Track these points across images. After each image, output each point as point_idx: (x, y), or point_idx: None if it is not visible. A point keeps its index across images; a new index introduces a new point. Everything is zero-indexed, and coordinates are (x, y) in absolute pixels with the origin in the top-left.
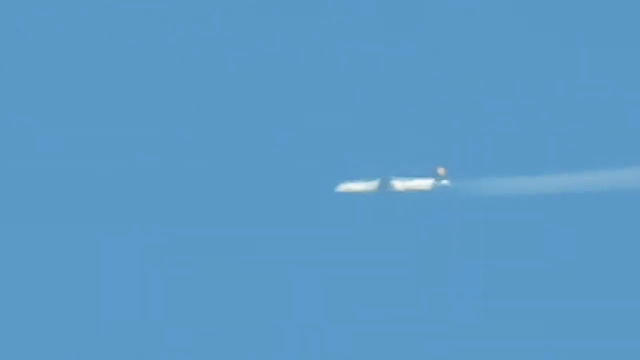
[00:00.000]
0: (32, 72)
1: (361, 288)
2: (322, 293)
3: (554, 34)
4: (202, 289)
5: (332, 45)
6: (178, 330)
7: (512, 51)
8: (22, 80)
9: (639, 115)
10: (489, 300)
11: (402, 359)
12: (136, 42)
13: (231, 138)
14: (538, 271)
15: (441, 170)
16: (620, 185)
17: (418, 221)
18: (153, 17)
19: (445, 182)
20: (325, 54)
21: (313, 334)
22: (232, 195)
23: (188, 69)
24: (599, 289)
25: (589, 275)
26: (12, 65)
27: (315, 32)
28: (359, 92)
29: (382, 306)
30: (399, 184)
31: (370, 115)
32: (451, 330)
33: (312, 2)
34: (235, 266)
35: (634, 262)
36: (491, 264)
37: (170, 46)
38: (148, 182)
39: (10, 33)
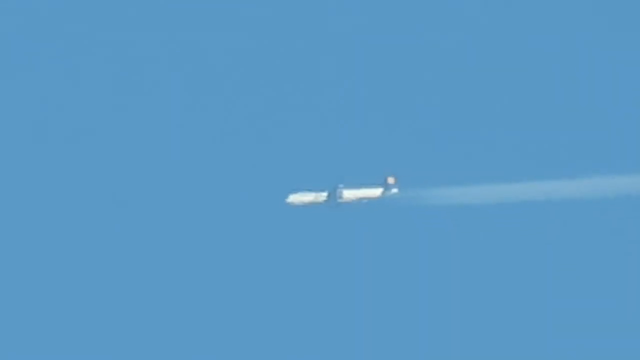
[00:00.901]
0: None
1: (312, 298)
2: (273, 304)
3: (504, 47)
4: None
5: (282, 55)
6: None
7: (464, 59)
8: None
9: (585, 126)
10: (437, 309)
11: None
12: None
13: (181, 148)
14: (486, 280)
15: (390, 179)
16: (573, 195)
17: (367, 230)
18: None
19: (394, 190)
20: (275, 65)
21: (262, 347)
22: (179, 207)
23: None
24: (545, 297)
25: (536, 284)
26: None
27: (268, 44)
28: (305, 101)
29: (333, 317)
30: (348, 194)
31: (318, 123)
32: (402, 340)
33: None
34: (184, 292)
35: (578, 272)
36: (441, 272)
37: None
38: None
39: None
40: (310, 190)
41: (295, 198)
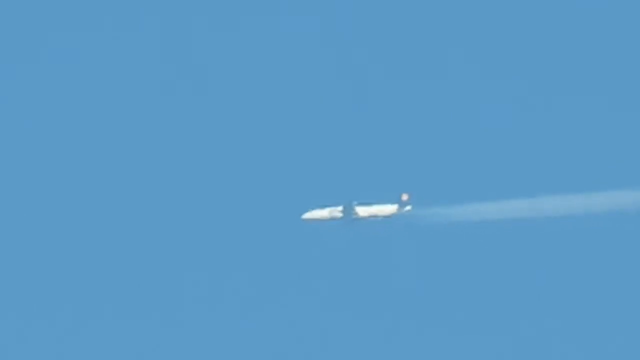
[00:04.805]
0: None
1: (328, 314)
2: (290, 319)
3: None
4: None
5: (293, 68)
6: None
7: (474, 78)
8: None
9: (596, 141)
10: (449, 323)
11: None
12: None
13: (198, 166)
14: (498, 295)
15: (404, 196)
16: (580, 210)
17: (381, 247)
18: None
19: (408, 208)
20: (288, 79)
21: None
22: (196, 224)
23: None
24: (558, 311)
25: (549, 298)
26: None
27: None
28: (322, 119)
29: (345, 332)
30: (363, 210)
31: (333, 141)
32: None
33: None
34: (201, 299)
35: (592, 284)
36: (453, 289)
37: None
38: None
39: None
40: (325, 206)
41: (311, 215)
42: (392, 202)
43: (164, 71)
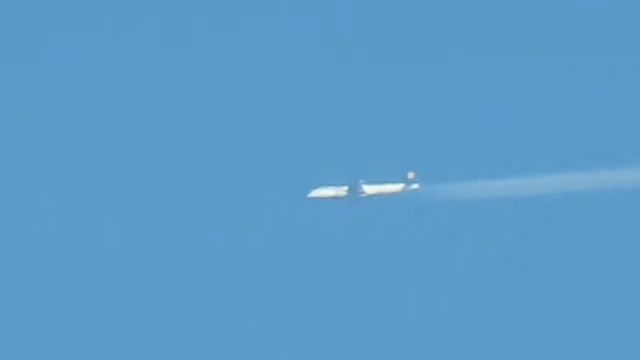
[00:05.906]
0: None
1: (335, 291)
2: (297, 297)
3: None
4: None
5: (302, 51)
6: None
7: (476, 57)
8: None
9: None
10: (459, 301)
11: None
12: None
13: (204, 145)
14: (505, 272)
15: (410, 174)
16: (583, 188)
17: (388, 225)
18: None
19: (414, 186)
20: (293, 59)
21: (285, 339)
22: (205, 199)
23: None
24: (567, 289)
25: (559, 275)
26: None
27: (280, 38)
28: (328, 99)
29: (353, 310)
30: (369, 189)
31: (340, 120)
32: (422, 334)
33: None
34: (205, 272)
35: (602, 262)
36: (459, 266)
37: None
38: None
39: None
40: (331, 185)
41: (317, 193)
42: (398, 181)
43: (164, 71)
